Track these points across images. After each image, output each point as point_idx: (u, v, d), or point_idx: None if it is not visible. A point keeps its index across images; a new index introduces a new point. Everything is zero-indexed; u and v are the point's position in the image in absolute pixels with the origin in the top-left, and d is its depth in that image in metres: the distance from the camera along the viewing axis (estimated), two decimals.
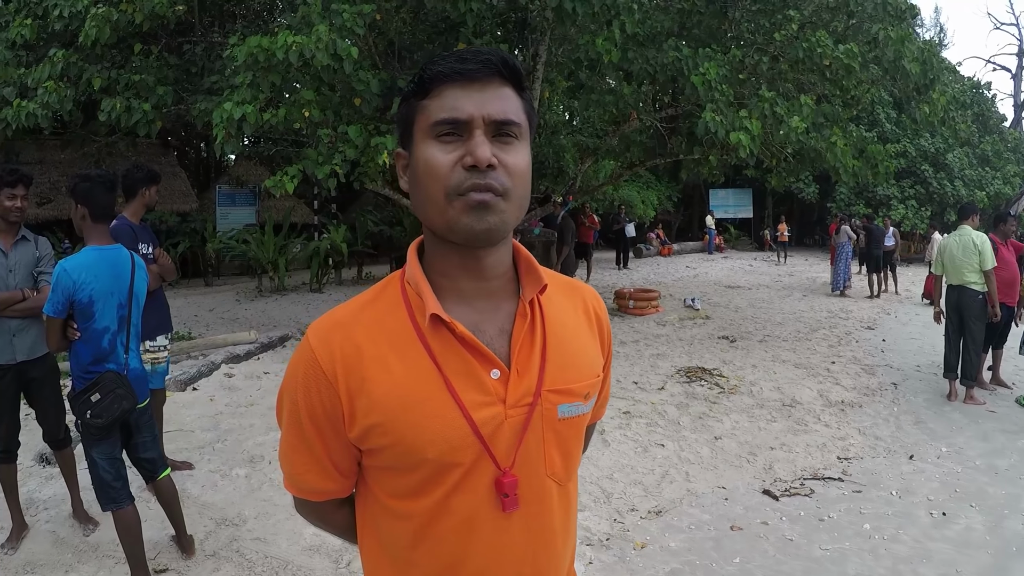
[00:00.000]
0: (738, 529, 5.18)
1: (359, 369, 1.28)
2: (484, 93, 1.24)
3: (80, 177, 4.02)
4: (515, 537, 1.33)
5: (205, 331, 11.87)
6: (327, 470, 1.37)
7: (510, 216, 1.26)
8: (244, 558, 4.49)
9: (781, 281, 21.55)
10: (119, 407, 3.91)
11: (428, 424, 1.26)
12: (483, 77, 1.25)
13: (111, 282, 3.97)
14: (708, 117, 9.63)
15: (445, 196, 1.23)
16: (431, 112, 1.25)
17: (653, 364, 10.00)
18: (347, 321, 1.34)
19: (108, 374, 3.91)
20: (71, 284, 3.80)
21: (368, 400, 1.27)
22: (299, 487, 1.42)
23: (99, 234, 4.04)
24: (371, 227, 20.96)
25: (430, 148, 1.25)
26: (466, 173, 1.22)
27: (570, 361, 1.39)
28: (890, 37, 10.78)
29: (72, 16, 9.52)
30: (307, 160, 9.03)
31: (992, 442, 7.22)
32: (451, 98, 1.24)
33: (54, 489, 5.34)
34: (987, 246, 8.30)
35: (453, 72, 1.24)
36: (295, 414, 1.34)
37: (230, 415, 7.34)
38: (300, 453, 1.37)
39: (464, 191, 1.22)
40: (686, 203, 37.85)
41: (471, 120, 1.22)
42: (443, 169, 1.23)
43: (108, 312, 3.95)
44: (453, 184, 1.22)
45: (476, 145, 1.21)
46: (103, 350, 3.94)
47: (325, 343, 1.31)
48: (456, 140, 1.24)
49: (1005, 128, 35.04)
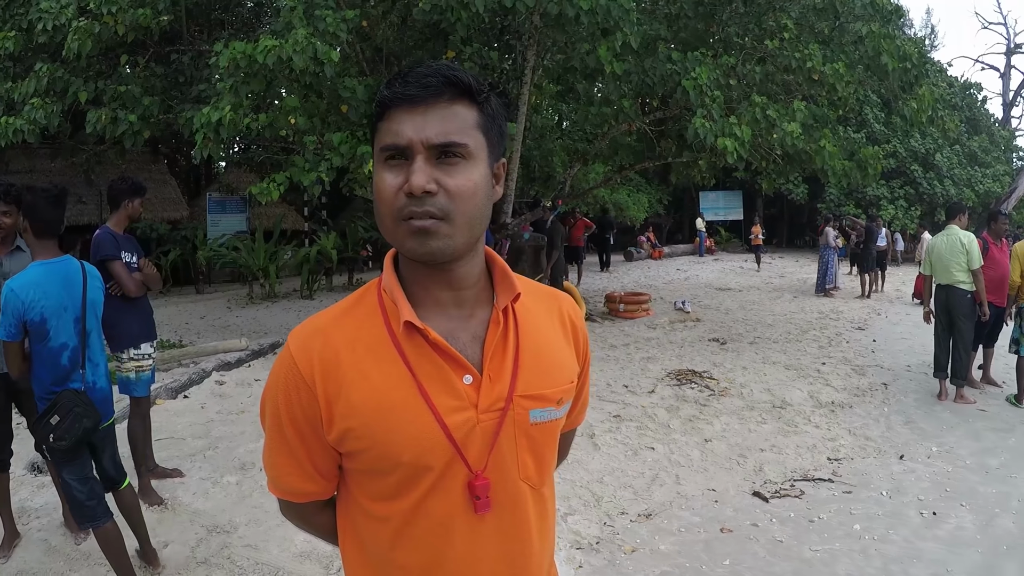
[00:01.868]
0: (728, 531, 5.18)
1: (337, 374, 1.31)
2: (426, 116, 1.25)
3: (27, 189, 3.91)
4: (489, 539, 1.37)
5: (196, 339, 11.86)
6: (308, 473, 1.40)
7: (456, 238, 1.27)
8: (235, 565, 4.48)
9: (771, 283, 21.59)
10: (80, 426, 3.73)
11: (402, 428, 1.29)
12: (427, 99, 1.25)
13: (63, 296, 3.84)
14: (698, 123, 9.66)
15: (392, 220, 1.26)
16: (380, 136, 1.29)
17: (643, 367, 10.00)
18: (326, 328, 1.37)
19: (65, 393, 3.77)
20: (20, 305, 3.65)
21: (346, 405, 1.30)
22: (282, 489, 1.45)
23: (44, 249, 3.89)
24: (361, 233, 20.94)
25: (380, 171, 1.28)
26: (406, 199, 1.24)
27: (543, 367, 1.42)
28: (872, 32, 10.83)
29: (56, 29, 9.50)
30: (294, 168, 9.03)
31: (983, 441, 7.23)
32: (396, 122, 1.26)
33: (46, 498, 5.33)
34: (974, 245, 8.32)
35: (395, 96, 1.26)
36: (277, 418, 1.37)
37: (221, 422, 7.33)
38: (282, 456, 1.40)
39: (405, 217, 1.24)
40: (676, 206, 37.91)
41: (410, 145, 1.24)
42: (388, 193, 1.25)
43: (64, 328, 3.82)
44: (396, 209, 1.25)
45: (412, 172, 1.23)
46: (64, 368, 3.81)
47: (304, 349, 1.34)
48: (401, 164, 1.26)
49: (994, 127, 35.18)
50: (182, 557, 4.55)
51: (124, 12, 8.98)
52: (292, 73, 8.62)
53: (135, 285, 5.31)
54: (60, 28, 9.47)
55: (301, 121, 9.00)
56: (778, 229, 38.78)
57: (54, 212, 3.91)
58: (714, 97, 9.94)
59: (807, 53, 10.45)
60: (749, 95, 10.75)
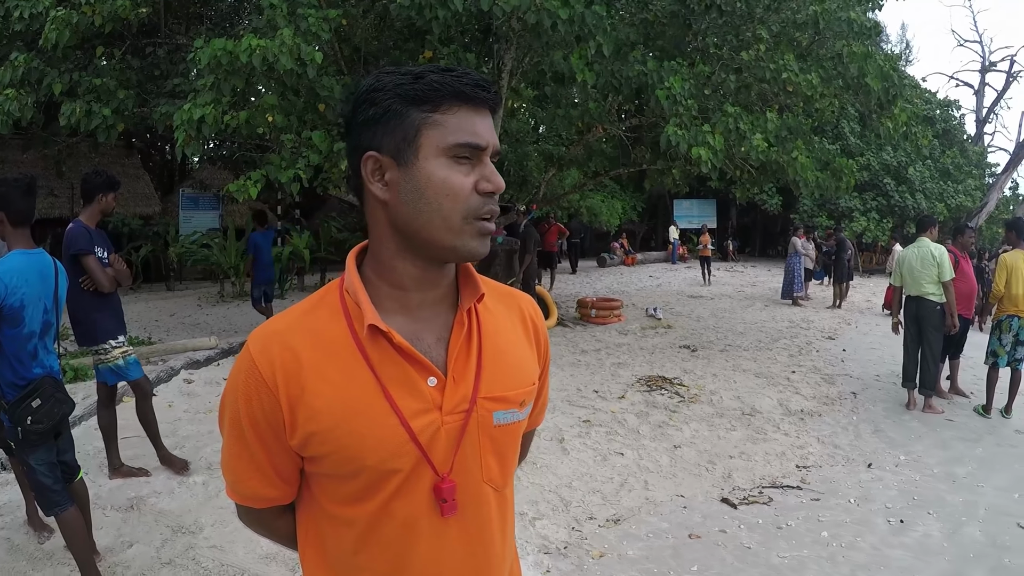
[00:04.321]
0: (696, 537, 5.19)
1: (298, 378, 1.29)
2: (487, 121, 1.28)
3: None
4: (454, 541, 1.36)
5: (165, 336, 11.75)
6: (269, 477, 1.38)
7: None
8: (200, 566, 4.43)
9: (743, 291, 21.71)
10: (59, 411, 3.93)
11: (367, 432, 1.28)
12: (489, 105, 1.29)
13: (40, 287, 3.91)
14: (671, 131, 9.68)
15: (462, 219, 1.26)
16: (449, 131, 1.25)
17: (614, 373, 10.02)
18: (286, 329, 1.34)
19: (47, 379, 3.89)
20: (2, 289, 3.70)
21: (308, 409, 1.28)
22: (241, 494, 1.43)
23: (21, 238, 3.95)
24: (335, 233, 20.85)
25: (446, 168, 1.26)
26: (482, 199, 1.26)
27: (506, 369, 1.41)
28: (854, 53, 10.90)
29: (33, 17, 9.39)
30: (271, 165, 8.97)
31: (950, 450, 7.31)
32: (468, 121, 1.26)
33: (9, 495, 5.24)
34: (945, 258, 8.39)
35: (474, 95, 1.27)
36: (236, 422, 1.34)
37: (188, 421, 7.26)
38: (242, 460, 1.37)
39: (482, 216, 1.27)
40: (651, 213, 38.09)
41: (487, 147, 1.27)
42: (464, 191, 1.26)
43: (35, 317, 3.89)
44: (472, 207, 1.26)
45: (493, 173, 1.28)
46: (27, 354, 3.86)
47: (265, 352, 1.31)
48: (467, 163, 1.27)
49: (967, 143, 35.60)
50: (147, 557, 4.49)
51: (102, 2, 8.88)
52: (274, 72, 8.57)
53: (108, 280, 5.28)
54: (37, 17, 9.36)
55: (279, 119, 8.95)
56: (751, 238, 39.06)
57: (26, 201, 3.95)
58: (688, 106, 9.97)
59: (782, 64, 10.52)
60: (723, 105, 10.79)
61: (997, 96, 39.82)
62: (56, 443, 4.06)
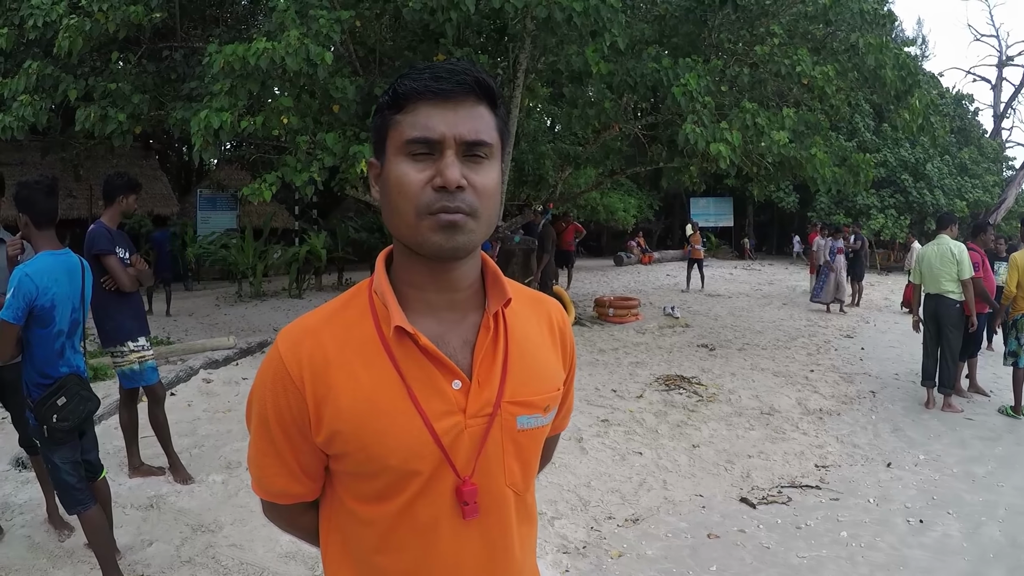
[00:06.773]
0: (715, 537, 5.18)
1: (326, 376, 1.30)
2: (457, 112, 1.25)
3: (19, 185, 3.97)
4: (474, 544, 1.36)
5: (184, 336, 11.81)
6: (295, 474, 1.38)
7: (478, 235, 1.29)
8: (220, 564, 4.45)
9: (761, 290, 21.63)
10: (85, 408, 3.97)
11: (390, 432, 1.28)
12: (457, 96, 1.26)
13: (68, 287, 3.96)
14: (688, 129, 9.65)
15: (415, 214, 1.25)
16: (404, 128, 1.26)
17: (632, 372, 10.01)
18: (316, 328, 1.35)
19: (71, 377, 3.93)
20: (34, 289, 3.74)
21: (334, 407, 1.29)
22: (267, 490, 1.43)
23: (48, 239, 4.00)
24: (352, 233, 20.91)
25: (402, 165, 1.26)
26: (436, 194, 1.23)
27: (531, 374, 1.41)
28: (870, 44, 10.85)
29: (47, 25, 9.44)
30: (286, 167, 9.00)
31: (970, 449, 7.26)
32: (424, 116, 1.25)
33: (30, 493, 5.28)
34: (965, 256, 8.33)
35: (427, 89, 1.25)
36: (264, 419, 1.35)
37: (207, 421, 7.29)
38: (269, 457, 1.38)
39: (434, 211, 1.24)
40: (667, 211, 38.00)
41: (443, 140, 1.24)
42: (414, 188, 1.24)
43: (63, 316, 3.92)
44: (423, 203, 1.24)
45: (446, 166, 1.23)
46: (55, 353, 3.90)
47: (293, 350, 1.33)
48: (427, 158, 1.25)
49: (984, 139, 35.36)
50: (167, 556, 4.52)
51: (115, 9, 8.91)
52: (286, 74, 8.60)
53: (129, 280, 5.32)
54: (51, 24, 9.41)
55: (294, 121, 8.97)
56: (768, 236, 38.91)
57: (50, 202, 3.99)
58: (705, 103, 9.94)
59: (796, 59, 10.47)
60: (740, 101, 10.75)
61: (1015, 91, 39.61)
62: (80, 442, 4.09)
